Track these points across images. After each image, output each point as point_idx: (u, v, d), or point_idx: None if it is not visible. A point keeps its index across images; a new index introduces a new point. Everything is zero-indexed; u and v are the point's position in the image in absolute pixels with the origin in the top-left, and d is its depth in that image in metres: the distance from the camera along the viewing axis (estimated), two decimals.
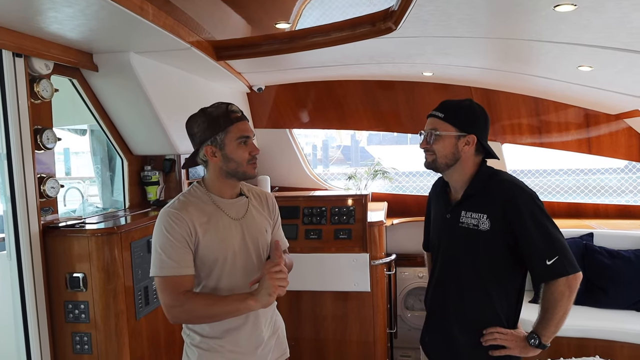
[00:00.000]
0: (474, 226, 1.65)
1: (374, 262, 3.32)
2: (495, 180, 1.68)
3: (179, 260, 1.53)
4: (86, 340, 2.06)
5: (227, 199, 1.67)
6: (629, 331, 2.79)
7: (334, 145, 10.95)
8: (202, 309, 1.52)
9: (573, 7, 1.73)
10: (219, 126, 1.58)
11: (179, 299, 1.51)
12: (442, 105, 1.72)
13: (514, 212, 1.59)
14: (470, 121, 1.68)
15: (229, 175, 1.63)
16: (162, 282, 1.53)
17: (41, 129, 2.05)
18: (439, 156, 1.67)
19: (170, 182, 2.94)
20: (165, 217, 1.56)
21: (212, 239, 1.58)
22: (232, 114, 1.60)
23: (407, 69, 3.45)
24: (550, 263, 1.54)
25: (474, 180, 1.70)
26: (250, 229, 1.68)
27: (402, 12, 2.07)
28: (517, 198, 1.61)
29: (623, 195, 4.88)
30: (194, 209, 1.59)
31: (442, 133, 1.66)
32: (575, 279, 1.56)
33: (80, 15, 1.77)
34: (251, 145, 1.63)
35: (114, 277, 2.07)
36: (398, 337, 3.84)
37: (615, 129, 3.77)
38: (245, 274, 1.63)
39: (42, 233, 2.04)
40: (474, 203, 1.68)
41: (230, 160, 1.60)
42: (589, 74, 2.71)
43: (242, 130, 1.60)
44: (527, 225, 1.58)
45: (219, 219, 1.62)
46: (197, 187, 1.67)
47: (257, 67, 3.25)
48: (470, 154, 1.69)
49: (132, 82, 2.42)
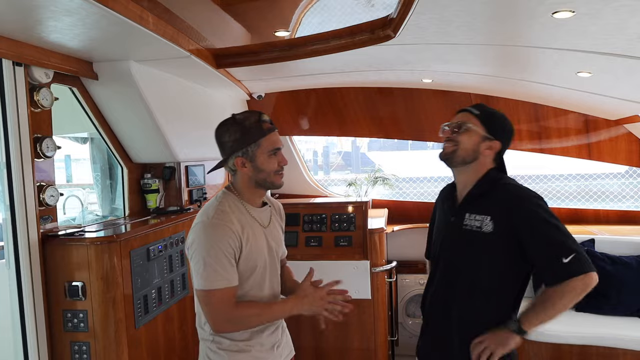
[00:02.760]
0: (477, 228, 1.63)
1: (375, 269, 3.31)
2: (501, 184, 1.68)
3: (230, 273, 1.53)
4: (85, 350, 2.05)
5: (257, 208, 1.69)
6: (631, 338, 2.77)
7: (335, 152, 10.96)
8: (253, 319, 1.58)
9: (571, 13, 1.74)
10: (251, 138, 1.57)
11: (231, 312, 1.54)
12: (479, 106, 1.74)
13: (520, 216, 1.57)
14: (500, 128, 1.71)
15: (258, 185, 1.64)
16: (213, 295, 1.51)
17: (41, 137, 2.05)
18: (461, 148, 1.67)
19: (170, 189, 2.93)
20: (210, 230, 1.54)
21: (252, 248, 1.60)
22: (264, 124, 1.59)
23: (406, 76, 3.46)
24: (567, 261, 1.49)
25: (480, 182, 1.70)
26: (273, 238, 1.72)
27: (400, 20, 2.07)
28: (524, 201, 1.59)
29: (624, 200, 4.86)
30: (234, 219, 1.58)
31: (472, 127, 1.67)
32: (592, 278, 1.51)
33: (80, 24, 1.77)
34: (280, 155, 1.63)
35: (113, 286, 2.06)
36: (399, 345, 3.82)
37: (615, 135, 3.77)
38: (271, 281, 1.68)
39: (42, 241, 2.03)
40: (478, 205, 1.67)
41: (261, 171, 1.60)
42: (588, 80, 2.72)
43: (273, 143, 1.60)
44: (538, 226, 1.55)
45: (254, 227, 1.63)
46: (230, 195, 1.65)
47: (257, 74, 3.26)
48: (488, 159, 1.70)
49: (132, 91, 2.43)
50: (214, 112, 3.42)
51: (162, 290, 2.41)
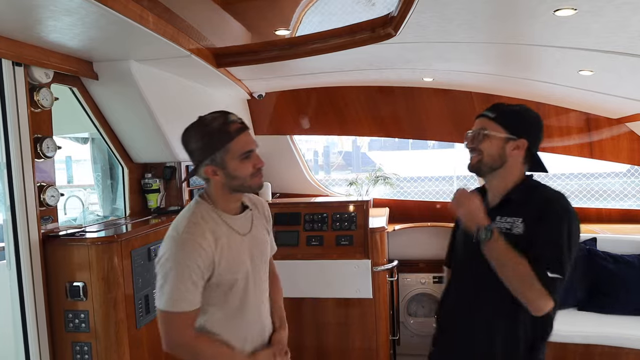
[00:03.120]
0: (506, 230, 1.53)
1: (376, 269, 3.30)
2: (540, 190, 1.58)
3: (194, 295, 1.42)
4: (86, 350, 2.05)
5: (234, 215, 1.57)
6: (635, 337, 2.76)
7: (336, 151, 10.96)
8: (202, 355, 1.47)
9: (573, 11, 1.73)
10: (218, 144, 1.43)
11: (185, 338, 1.44)
12: (494, 106, 1.64)
13: (546, 215, 1.49)
14: (522, 125, 1.60)
15: (234, 191, 1.53)
16: (171, 317, 1.42)
17: (41, 137, 2.04)
18: (485, 156, 1.58)
19: (171, 189, 2.93)
20: (179, 245, 1.42)
21: (228, 262, 1.48)
22: (231, 126, 1.44)
23: (407, 75, 3.45)
24: (550, 276, 1.41)
25: (517, 187, 1.60)
26: (256, 243, 1.60)
27: (401, 18, 2.07)
28: (554, 203, 1.51)
29: (626, 199, 4.86)
30: (207, 231, 1.45)
31: (490, 133, 1.58)
32: (546, 304, 1.42)
33: (80, 24, 1.77)
34: (255, 157, 1.49)
35: (114, 286, 2.06)
36: (401, 344, 3.81)
37: (617, 133, 3.76)
38: (255, 291, 1.58)
39: (42, 242, 2.03)
40: (511, 208, 1.57)
41: (234, 177, 1.47)
42: (589, 78, 2.71)
43: (244, 145, 1.46)
44: (553, 232, 1.46)
45: (230, 238, 1.51)
46: (203, 204, 1.53)
47: (258, 74, 3.25)
48: (518, 160, 1.60)
49: (133, 90, 2.42)
50: None
51: None
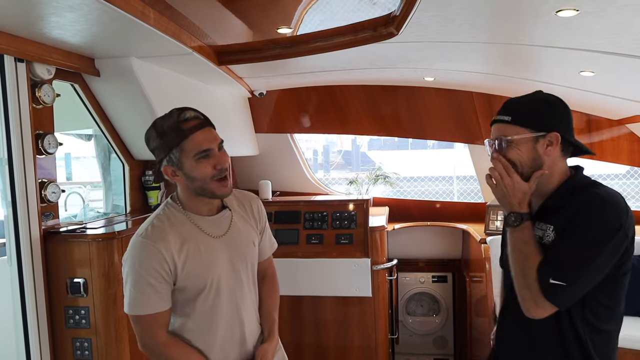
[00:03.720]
0: (539, 238, 1.35)
1: (376, 267, 3.31)
2: (584, 192, 1.33)
3: (155, 297, 1.38)
4: (86, 346, 2.05)
5: (207, 216, 1.49)
6: (633, 338, 2.76)
7: (335, 150, 10.98)
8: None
9: (575, 12, 1.73)
10: (171, 143, 1.36)
11: (151, 341, 1.43)
12: (506, 106, 1.42)
13: (580, 216, 1.28)
14: (545, 116, 1.38)
15: (198, 194, 1.44)
16: (136, 320, 1.42)
17: (43, 134, 2.05)
18: (518, 165, 1.35)
19: (171, 186, 2.93)
20: (137, 249, 1.38)
21: (194, 267, 1.42)
22: (184, 124, 1.37)
23: (408, 74, 3.45)
24: (552, 282, 1.26)
25: (560, 190, 1.38)
26: (236, 246, 1.52)
27: (403, 18, 2.07)
28: (595, 207, 1.29)
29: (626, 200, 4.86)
30: (170, 235, 1.39)
31: (514, 138, 1.36)
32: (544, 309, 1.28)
33: (83, 20, 1.77)
34: (216, 157, 1.40)
35: (115, 283, 2.06)
36: (399, 343, 3.83)
37: (617, 134, 3.76)
38: (231, 296, 1.50)
39: (43, 238, 2.03)
40: (549, 215, 1.37)
41: (193, 179, 1.40)
42: (590, 79, 2.71)
43: (198, 144, 1.37)
44: (573, 229, 1.29)
45: (199, 241, 1.44)
46: (171, 206, 1.47)
47: (259, 72, 3.25)
48: (556, 156, 1.37)
49: (134, 87, 2.42)
50: (215, 110, 3.41)
51: None
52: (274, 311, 1.68)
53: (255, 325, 1.62)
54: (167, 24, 2.08)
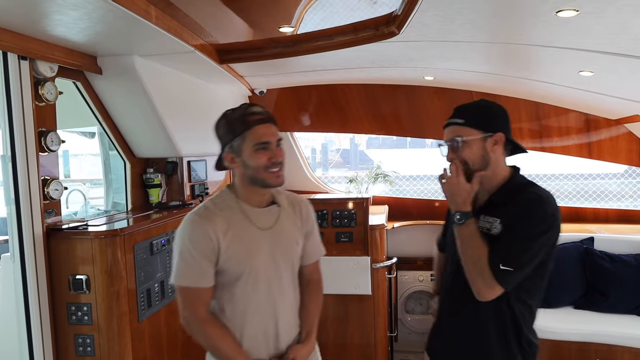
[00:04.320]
0: (486, 230, 1.56)
1: (375, 265, 3.33)
2: (524, 191, 1.57)
3: (198, 271, 1.48)
4: (89, 342, 2.06)
5: (256, 208, 1.57)
6: (630, 335, 2.79)
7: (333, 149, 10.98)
8: (207, 342, 1.53)
9: (575, 12, 1.74)
10: (235, 131, 1.49)
11: (190, 314, 1.51)
12: (458, 111, 1.63)
13: (523, 214, 1.51)
14: (492, 119, 1.61)
15: (252, 183, 1.53)
16: (179, 291, 1.52)
17: (45, 131, 2.05)
18: (470, 163, 1.57)
19: (172, 184, 2.94)
20: (188, 223, 1.50)
21: (236, 252, 1.50)
22: (250, 116, 1.49)
23: (408, 73, 3.46)
24: (502, 268, 1.46)
25: (504, 188, 1.61)
26: (279, 240, 1.58)
27: (405, 17, 2.08)
28: (536, 206, 1.52)
29: (623, 200, 4.90)
30: (219, 217, 1.50)
31: (467, 138, 1.57)
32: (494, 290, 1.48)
33: (86, 19, 1.78)
34: (272, 150, 1.50)
35: (117, 279, 2.07)
36: (398, 341, 3.84)
37: (616, 134, 3.79)
38: (270, 289, 1.56)
39: (46, 235, 2.04)
40: (494, 209, 1.59)
41: (248, 167, 1.50)
42: (589, 79, 2.73)
43: (259, 136, 1.48)
44: (518, 223, 1.50)
45: (244, 229, 1.53)
46: (226, 193, 1.59)
47: (259, 70, 3.26)
48: (499, 153, 1.60)
49: (136, 85, 2.43)
50: (216, 108, 3.42)
51: (165, 284, 2.43)
52: (315, 315, 1.72)
53: (292, 324, 1.65)
54: (169, 22, 2.09)
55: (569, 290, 3.17)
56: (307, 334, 1.68)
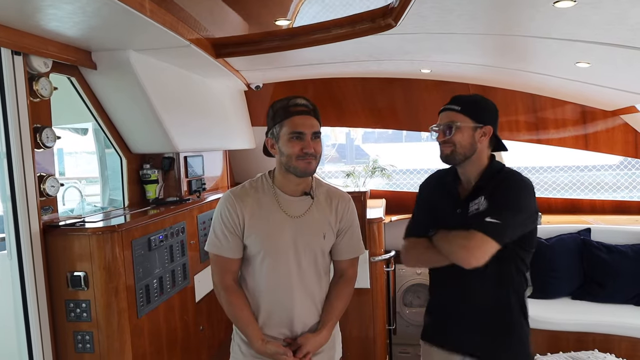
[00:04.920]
0: (476, 210, 1.68)
1: (374, 259, 3.33)
2: (502, 172, 1.75)
3: (225, 243, 1.64)
4: (88, 339, 2.05)
5: (289, 196, 1.66)
6: (626, 325, 2.82)
7: (329, 144, 10.97)
8: (228, 308, 1.68)
9: (572, 3, 1.74)
10: (277, 118, 1.60)
11: (219, 281, 1.68)
12: (455, 99, 1.76)
13: (499, 187, 1.67)
14: (485, 113, 1.74)
15: (287, 170, 1.62)
16: (211, 257, 1.69)
17: (41, 127, 2.03)
18: (458, 147, 1.70)
19: (169, 180, 2.93)
20: (223, 200, 1.66)
21: (258, 232, 1.62)
22: (292, 107, 1.58)
23: (405, 66, 3.45)
24: (488, 220, 1.57)
25: (485, 173, 1.74)
26: (304, 230, 1.65)
27: (402, 9, 2.07)
28: (508, 180, 1.69)
29: (619, 191, 4.93)
30: (250, 197, 1.65)
31: (461, 124, 1.70)
32: (489, 243, 1.55)
33: (80, 13, 1.76)
34: (307, 142, 1.57)
35: (115, 276, 2.06)
36: (397, 334, 3.86)
37: (612, 125, 3.80)
38: (288, 274, 1.64)
39: (43, 232, 2.03)
40: (480, 193, 1.71)
41: (282, 154, 1.60)
42: (586, 71, 2.73)
43: (296, 125, 1.57)
44: (500, 197, 1.64)
45: (272, 212, 1.64)
46: (265, 177, 1.71)
47: (256, 64, 3.24)
48: (485, 145, 1.74)
49: (131, 80, 2.41)
50: (212, 103, 3.40)
51: (163, 280, 2.42)
52: (337, 310, 1.75)
53: (310, 313, 1.70)
54: (164, 15, 2.07)
55: (566, 281, 3.19)
56: (323, 325, 1.71)
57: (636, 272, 3.09)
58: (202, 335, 2.78)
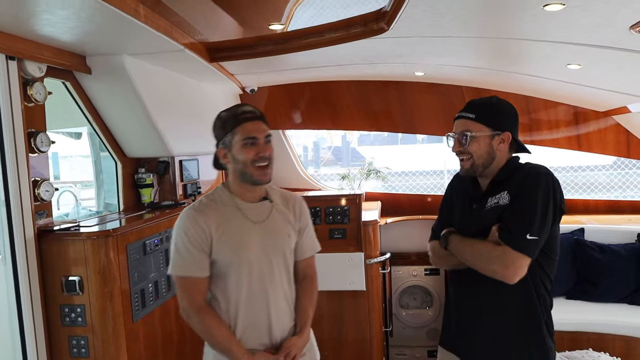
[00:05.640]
0: (495, 204, 1.62)
1: (369, 261, 3.34)
2: (523, 168, 1.66)
3: (192, 262, 1.57)
4: (83, 344, 2.05)
5: (249, 202, 1.66)
6: (620, 324, 2.84)
7: (325, 146, 10.99)
8: (203, 330, 1.61)
9: (562, 6, 1.76)
10: (227, 127, 1.58)
11: (188, 304, 1.59)
12: (470, 106, 1.68)
13: (524, 184, 1.58)
14: (502, 119, 1.66)
15: (242, 179, 1.61)
16: (176, 280, 1.61)
17: (35, 132, 2.03)
18: (476, 157, 1.63)
19: (164, 184, 2.93)
20: (184, 217, 1.60)
21: (228, 243, 1.59)
22: (242, 114, 1.58)
23: (399, 69, 3.48)
24: (530, 238, 1.52)
25: (502, 170, 1.67)
26: (270, 234, 1.65)
27: (394, 13, 2.09)
28: (535, 177, 1.59)
29: (612, 191, 4.97)
30: (212, 211, 1.60)
31: (476, 134, 1.62)
32: (523, 263, 1.52)
33: (75, 18, 1.76)
34: (260, 146, 1.57)
35: (111, 280, 2.06)
36: (393, 336, 3.87)
37: (604, 126, 3.84)
38: (262, 280, 1.63)
39: (37, 237, 2.03)
40: (499, 188, 1.65)
41: (237, 161, 1.59)
42: (578, 72, 2.76)
43: (248, 131, 1.56)
44: (529, 197, 1.56)
45: (237, 222, 1.62)
46: (221, 189, 1.68)
47: (250, 68, 3.26)
48: (505, 151, 1.66)
49: (126, 85, 2.42)
50: (207, 106, 3.41)
51: (158, 284, 2.42)
52: (309, 308, 1.78)
53: (286, 317, 1.70)
54: (158, 20, 2.08)
55: (561, 281, 3.20)
56: (302, 326, 1.74)
57: (629, 271, 3.12)
58: (198, 340, 2.77)
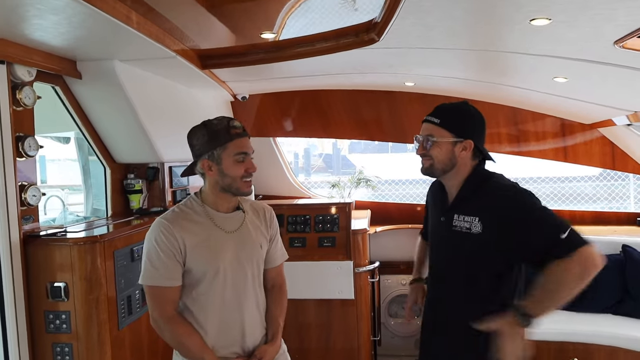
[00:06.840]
0: (466, 229, 1.61)
1: (358, 270, 3.35)
2: (488, 184, 1.65)
3: (164, 271, 1.57)
4: (67, 351, 2.02)
5: (222, 213, 1.68)
6: (605, 334, 2.87)
7: (316, 154, 11.00)
8: (174, 339, 1.62)
9: (548, 21, 1.80)
10: (218, 141, 1.59)
11: (158, 314, 1.60)
12: (437, 110, 1.70)
13: (507, 218, 1.55)
14: (466, 126, 1.66)
15: (224, 190, 1.64)
16: (147, 290, 1.61)
17: (23, 136, 2.02)
18: (436, 162, 1.66)
19: (154, 190, 2.91)
20: (156, 227, 1.60)
21: (202, 253, 1.60)
22: (233, 129, 1.61)
23: (389, 79, 3.51)
24: (565, 236, 1.47)
25: (467, 182, 1.67)
26: (244, 243, 1.68)
27: (384, 24, 2.12)
28: (508, 199, 1.57)
29: (598, 202, 5.04)
30: (186, 221, 1.62)
31: (438, 139, 1.64)
32: (593, 249, 1.48)
33: (66, 23, 1.76)
34: (248, 162, 1.63)
35: (97, 287, 2.04)
36: (382, 345, 3.86)
37: (590, 138, 3.90)
38: (235, 289, 1.65)
39: (23, 242, 2.00)
40: (467, 206, 1.65)
41: (226, 175, 1.61)
42: (564, 85, 2.81)
43: (240, 147, 1.61)
44: (527, 218, 1.53)
45: (210, 232, 1.64)
46: (193, 199, 1.69)
47: (242, 76, 3.27)
48: (467, 159, 1.67)
49: (116, 90, 2.41)
50: (198, 113, 3.41)
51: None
52: (280, 317, 1.80)
53: (258, 325, 1.73)
54: (150, 27, 2.08)
55: None
56: (274, 335, 1.76)
57: (614, 282, 3.16)
58: None
